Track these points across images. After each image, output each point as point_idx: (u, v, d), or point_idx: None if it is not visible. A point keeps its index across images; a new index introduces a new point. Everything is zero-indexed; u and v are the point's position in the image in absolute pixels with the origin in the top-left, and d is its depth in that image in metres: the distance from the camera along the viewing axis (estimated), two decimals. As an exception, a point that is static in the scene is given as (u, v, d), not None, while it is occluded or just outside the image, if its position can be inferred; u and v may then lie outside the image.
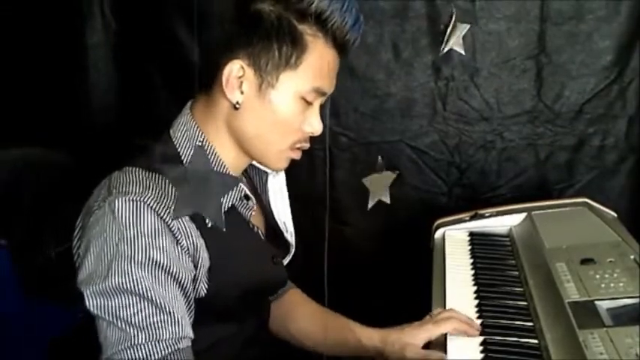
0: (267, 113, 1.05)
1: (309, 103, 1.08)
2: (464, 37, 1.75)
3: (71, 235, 1.07)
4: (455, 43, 1.75)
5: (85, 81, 1.82)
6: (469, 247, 1.47)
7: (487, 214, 1.57)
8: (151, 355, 0.95)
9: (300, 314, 1.33)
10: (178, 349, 0.97)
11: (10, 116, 1.68)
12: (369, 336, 1.24)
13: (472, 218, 1.57)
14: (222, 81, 1.04)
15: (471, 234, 1.53)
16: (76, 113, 1.80)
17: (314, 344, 1.32)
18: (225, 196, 1.08)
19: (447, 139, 1.83)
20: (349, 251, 1.89)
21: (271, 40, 1.03)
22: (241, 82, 1.04)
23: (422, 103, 1.81)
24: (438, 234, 1.56)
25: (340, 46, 1.07)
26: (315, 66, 1.05)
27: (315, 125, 1.10)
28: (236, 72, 1.04)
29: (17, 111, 1.71)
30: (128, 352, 0.95)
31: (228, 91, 1.04)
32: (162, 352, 0.96)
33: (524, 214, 1.53)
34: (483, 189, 1.84)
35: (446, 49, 1.76)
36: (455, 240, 1.51)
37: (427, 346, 1.18)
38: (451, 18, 1.74)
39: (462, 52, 1.76)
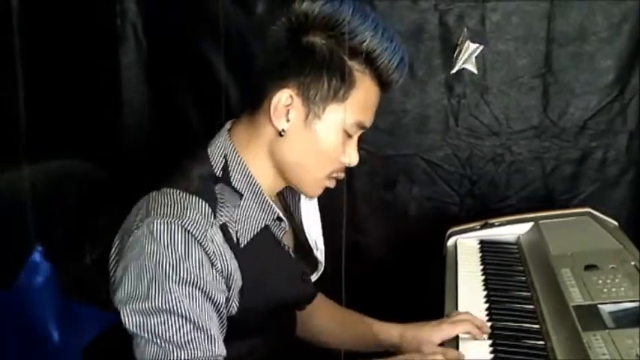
0: (311, 142, 1.06)
1: (349, 136, 1.08)
2: (475, 57, 1.78)
3: (105, 243, 1.08)
4: (466, 62, 1.79)
5: (119, 98, 1.84)
6: (480, 255, 1.51)
7: (496, 223, 1.61)
8: None
9: (320, 314, 1.33)
10: None
11: (49, 131, 1.71)
12: (387, 331, 1.26)
13: (482, 227, 1.61)
14: (269, 107, 1.04)
15: (482, 242, 1.56)
16: (110, 128, 1.83)
17: (333, 341, 1.34)
18: (259, 217, 1.07)
19: (459, 152, 1.86)
20: (366, 258, 1.91)
21: (322, 73, 1.03)
22: (288, 111, 1.04)
23: (435, 119, 1.85)
24: (450, 242, 1.59)
25: (384, 83, 1.08)
26: (360, 101, 1.06)
27: (352, 157, 1.10)
28: (285, 100, 1.04)
29: (56, 126, 1.71)
30: None
31: (274, 118, 1.04)
32: None
33: (531, 223, 1.57)
34: (493, 200, 1.87)
35: (458, 69, 1.80)
36: (466, 248, 1.55)
37: (441, 344, 1.21)
38: (463, 39, 1.78)
39: (474, 71, 1.79)
